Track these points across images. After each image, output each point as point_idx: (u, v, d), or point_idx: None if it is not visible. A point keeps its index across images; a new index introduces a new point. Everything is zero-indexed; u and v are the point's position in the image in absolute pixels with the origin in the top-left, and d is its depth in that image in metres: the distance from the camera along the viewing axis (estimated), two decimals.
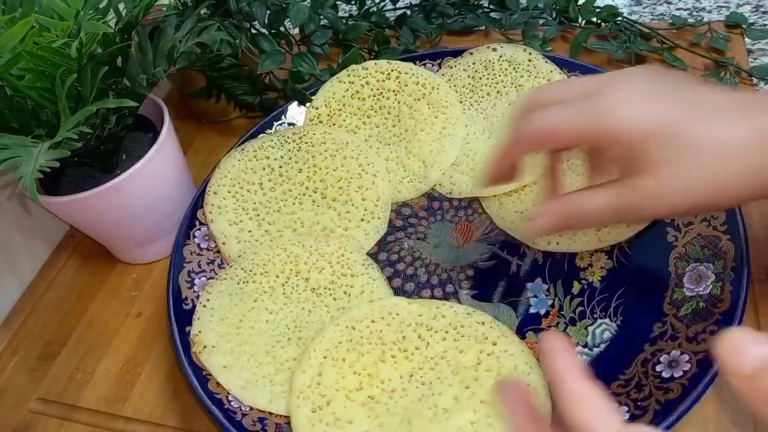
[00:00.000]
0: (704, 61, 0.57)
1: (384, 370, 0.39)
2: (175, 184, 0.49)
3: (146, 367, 0.46)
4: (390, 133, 0.53)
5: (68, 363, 0.47)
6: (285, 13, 0.57)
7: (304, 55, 0.56)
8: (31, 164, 0.35)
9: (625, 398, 0.36)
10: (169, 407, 0.43)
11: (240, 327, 0.43)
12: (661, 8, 0.65)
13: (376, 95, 0.54)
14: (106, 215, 0.46)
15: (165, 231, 0.51)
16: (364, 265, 0.45)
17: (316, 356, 0.40)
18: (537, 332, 0.41)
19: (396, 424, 0.36)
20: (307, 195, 0.50)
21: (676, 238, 0.42)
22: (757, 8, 0.63)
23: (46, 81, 0.38)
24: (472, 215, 0.48)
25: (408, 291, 0.45)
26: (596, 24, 0.62)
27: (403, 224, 0.49)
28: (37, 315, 0.51)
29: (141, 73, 0.45)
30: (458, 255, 0.46)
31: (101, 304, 0.51)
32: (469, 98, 0.53)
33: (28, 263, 0.54)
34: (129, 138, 0.49)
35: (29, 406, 0.45)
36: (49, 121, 0.40)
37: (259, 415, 0.38)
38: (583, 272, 0.43)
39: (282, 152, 0.51)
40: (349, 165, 0.50)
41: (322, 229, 0.48)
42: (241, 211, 0.49)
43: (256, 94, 0.58)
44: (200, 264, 0.47)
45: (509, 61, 0.53)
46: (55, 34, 0.38)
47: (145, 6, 0.42)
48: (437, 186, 0.50)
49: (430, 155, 0.51)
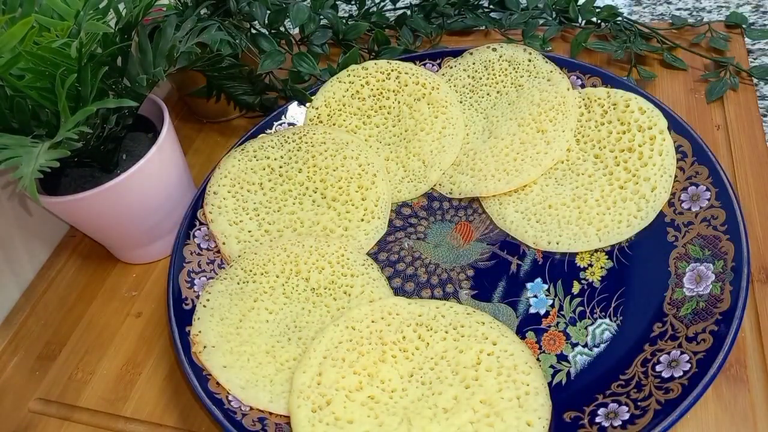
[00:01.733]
0: (704, 61, 0.57)
1: (384, 370, 0.39)
2: (175, 184, 0.49)
3: (146, 367, 0.46)
4: (390, 133, 0.53)
5: (68, 363, 0.47)
6: (285, 13, 0.57)
7: (304, 55, 0.56)
8: (31, 164, 0.35)
9: (625, 398, 0.36)
10: (169, 407, 0.43)
11: (240, 327, 0.43)
12: (661, 8, 0.65)
13: (376, 95, 0.54)
14: (106, 215, 0.46)
15: (165, 231, 0.51)
16: (364, 265, 0.45)
17: (316, 356, 0.40)
18: (537, 332, 0.41)
19: (396, 424, 0.36)
20: (307, 195, 0.50)
21: (676, 238, 0.42)
22: (757, 8, 0.63)
23: (46, 81, 0.38)
24: (472, 215, 0.48)
25: (408, 291, 0.45)
26: (596, 24, 0.62)
27: (403, 224, 0.49)
28: (37, 315, 0.51)
29: (141, 73, 0.45)
30: (458, 255, 0.46)
31: (101, 304, 0.51)
32: (469, 98, 0.53)
33: (28, 263, 0.54)
34: (129, 138, 0.49)
35: (29, 406, 0.45)
36: (49, 121, 0.40)
37: (259, 415, 0.38)
38: (583, 272, 0.43)
39: (282, 152, 0.51)
40: (349, 165, 0.50)
41: (322, 229, 0.48)
42: (241, 211, 0.49)
43: (256, 94, 0.58)
44: (200, 264, 0.47)
45: (509, 61, 0.53)
46: (55, 34, 0.38)
47: (145, 6, 0.42)
48: (437, 186, 0.50)
49: (430, 155, 0.51)
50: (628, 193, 0.44)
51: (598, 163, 0.46)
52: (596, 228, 0.44)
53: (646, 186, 0.44)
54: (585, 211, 0.45)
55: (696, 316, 0.37)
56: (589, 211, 0.45)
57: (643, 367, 0.37)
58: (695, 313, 0.37)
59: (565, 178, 0.47)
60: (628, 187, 0.44)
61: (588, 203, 0.45)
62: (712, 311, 0.37)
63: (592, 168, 0.46)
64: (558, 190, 0.46)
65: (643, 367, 0.37)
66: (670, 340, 0.37)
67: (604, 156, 0.46)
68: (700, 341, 0.36)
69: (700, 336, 0.36)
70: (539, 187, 0.47)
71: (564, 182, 0.47)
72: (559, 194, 0.46)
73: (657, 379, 0.35)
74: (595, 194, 0.45)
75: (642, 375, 0.36)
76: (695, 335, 0.36)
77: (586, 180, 0.46)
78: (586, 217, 0.44)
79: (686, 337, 0.36)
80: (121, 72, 0.45)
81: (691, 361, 0.35)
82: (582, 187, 0.46)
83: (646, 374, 0.36)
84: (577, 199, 0.45)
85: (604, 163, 0.46)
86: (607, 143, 0.47)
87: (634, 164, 0.45)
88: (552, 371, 0.39)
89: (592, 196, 0.45)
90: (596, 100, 0.48)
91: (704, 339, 0.36)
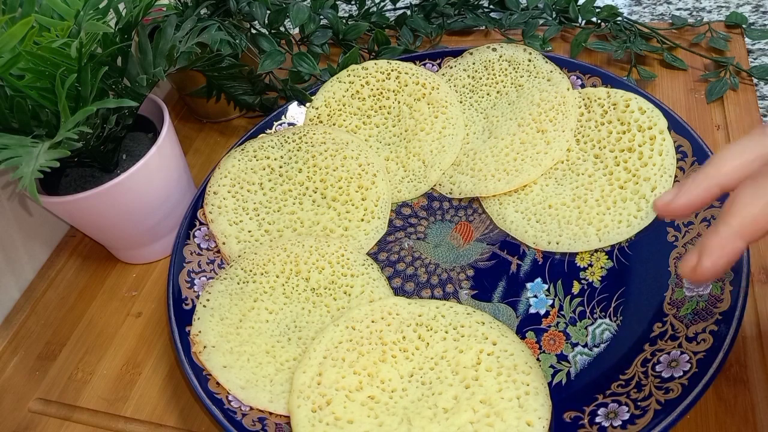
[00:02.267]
0: (704, 61, 0.57)
1: (384, 370, 0.39)
2: (175, 184, 0.49)
3: (146, 367, 0.46)
4: (390, 133, 0.53)
5: (68, 363, 0.47)
6: (285, 13, 0.57)
7: (304, 55, 0.56)
8: (31, 164, 0.35)
9: (625, 398, 0.36)
10: (169, 407, 0.43)
11: (240, 327, 0.43)
12: (661, 8, 0.65)
13: (376, 95, 0.54)
14: (106, 215, 0.46)
15: (165, 231, 0.51)
16: (364, 265, 0.45)
17: (316, 356, 0.40)
18: (537, 332, 0.41)
19: (396, 424, 0.36)
20: (307, 195, 0.50)
21: (676, 238, 0.42)
22: (757, 8, 0.63)
23: (46, 81, 0.38)
24: (472, 215, 0.48)
25: (408, 291, 0.45)
26: (596, 24, 0.62)
27: (403, 224, 0.49)
28: (37, 315, 0.51)
29: (141, 73, 0.45)
30: (458, 255, 0.46)
31: (101, 304, 0.51)
32: (469, 98, 0.53)
33: (28, 263, 0.54)
34: (129, 138, 0.49)
35: (29, 406, 0.45)
36: (49, 121, 0.40)
37: (259, 415, 0.38)
38: (583, 272, 0.43)
39: (282, 152, 0.51)
40: (349, 165, 0.50)
41: (322, 229, 0.48)
42: (241, 211, 0.49)
43: (256, 94, 0.58)
44: (200, 264, 0.47)
45: (509, 61, 0.53)
46: (55, 34, 0.38)
47: (145, 6, 0.42)
48: (437, 186, 0.50)
49: (430, 155, 0.51)
50: (628, 193, 0.44)
51: (598, 163, 0.46)
52: (596, 228, 0.44)
53: (646, 186, 0.44)
54: (585, 211, 0.45)
55: (696, 316, 0.37)
56: (589, 211, 0.45)
57: (643, 367, 0.37)
58: (695, 313, 0.37)
59: (565, 178, 0.47)
60: (628, 187, 0.44)
61: (588, 203, 0.45)
62: (712, 311, 0.37)
63: (592, 168, 0.46)
64: (558, 190, 0.46)
65: (643, 367, 0.37)
66: (670, 340, 0.37)
67: (604, 156, 0.46)
68: (700, 341, 0.36)
69: (700, 336, 0.36)
70: (539, 187, 0.47)
71: (564, 182, 0.47)
72: (559, 194, 0.46)
73: (657, 379, 0.35)
74: (595, 194, 0.45)
75: (642, 375, 0.36)
76: (695, 335, 0.36)
77: (586, 180, 0.46)
78: (586, 217, 0.44)
79: (686, 337, 0.36)
80: (121, 72, 0.45)
81: (691, 361, 0.35)
82: (582, 187, 0.46)
83: (646, 374, 0.36)
84: (577, 199, 0.45)
85: (604, 163, 0.46)
86: (607, 143, 0.47)
87: (634, 164, 0.45)
88: (552, 371, 0.39)
89: (592, 196, 0.45)
90: (596, 100, 0.48)
91: (704, 339, 0.36)
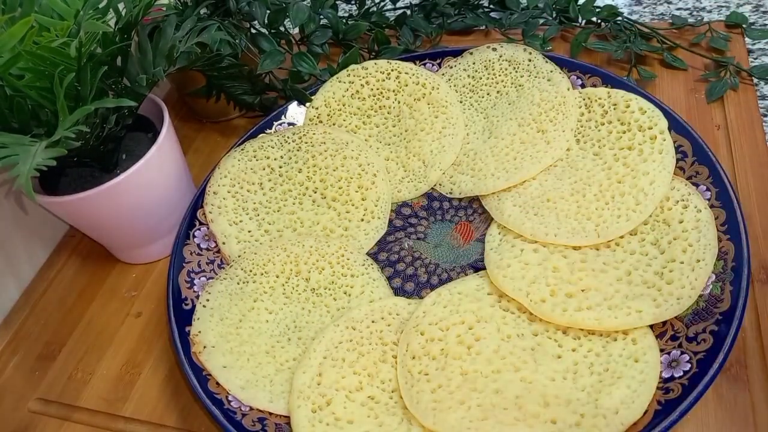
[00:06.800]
0: (704, 61, 0.57)
1: (384, 370, 0.39)
2: (175, 184, 0.49)
3: (146, 367, 0.46)
4: (390, 133, 0.53)
5: (68, 363, 0.47)
6: (285, 13, 0.57)
7: (304, 55, 0.56)
8: (27, 163, 0.35)
9: None
10: (169, 407, 0.43)
11: (240, 327, 0.43)
12: (661, 8, 0.65)
13: (376, 95, 0.54)
14: (106, 215, 0.46)
15: (165, 231, 0.51)
16: (364, 265, 0.45)
17: (316, 356, 0.40)
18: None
19: (396, 424, 0.36)
20: (307, 195, 0.50)
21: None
22: (757, 8, 0.63)
23: (46, 81, 0.38)
24: (472, 215, 0.48)
25: (408, 291, 0.45)
26: (596, 24, 0.62)
27: (403, 224, 0.49)
28: (37, 315, 0.51)
29: (141, 73, 0.45)
30: (458, 255, 0.46)
31: (101, 304, 0.51)
32: (469, 98, 0.53)
33: (27, 263, 0.54)
34: (129, 138, 0.49)
35: (29, 406, 0.45)
36: (48, 121, 0.40)
37: (259, 415, 0.38)
38: None
39: (282, 152, 0.51)
40: (349, 165, 0.50)
41: (322, 229, 0.48)
42: (241, 211, 0.49)
43: (256, 93, 0.58)
44: (200, 264, 0.46)
45: (509, 61, 0.53)
46: (54, 33, 0.38)
47: (145, 6, 0.42)
48: (437, 186, 0.50)
49: (430, 155, 0.51)
50: (626, 187, 0.44)
51: (597, 159, 0.46)
52: (595, 223, 0.43)
53: (644, 180, 0.43)
54: (584, 205, 0.44)
55: (696, 316, 0.37)
56: (587, 206, 0.44)
57: None
58: (695, 313, 0.37)
59: (563, 174, 0.47)
60: (626, 181, 0.44)
61: (587, 198, 0.44)
62: (713, 311, 0.37)
63: (591, 164, 0.46)
64: (556, 185, 0.46)
65: None
66: (670, 340, 0.37)
67: (603, 153, 0.46)
68: (701, 341, 0.36)
69: (701, 336, 0.36)
70: (538, 182, 0.47)
71: (563, 177, 0.47)
72: (557, 188, 0.46)
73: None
74: (593, 189, 0.45)
75: None
76: (695, 335, 0.36)
77: (584, 175, 0.46)
78: (585, 212, 0.44)
79: (686, 337, 0.36)
80: (120, 72, 0.45)
81: (691, 361, 0.35)
82: (580, 181, 0.45)
83: None
84: (576, 194, 0.45)
85: (603, 159, 0.46)
86: (607, 142, 0.46)
87: (634, 160, 0.44)
88: None
89: (590, 190, 0.45)
90: (596, 100, 0.48)
91: (704, 339, 0.36)
